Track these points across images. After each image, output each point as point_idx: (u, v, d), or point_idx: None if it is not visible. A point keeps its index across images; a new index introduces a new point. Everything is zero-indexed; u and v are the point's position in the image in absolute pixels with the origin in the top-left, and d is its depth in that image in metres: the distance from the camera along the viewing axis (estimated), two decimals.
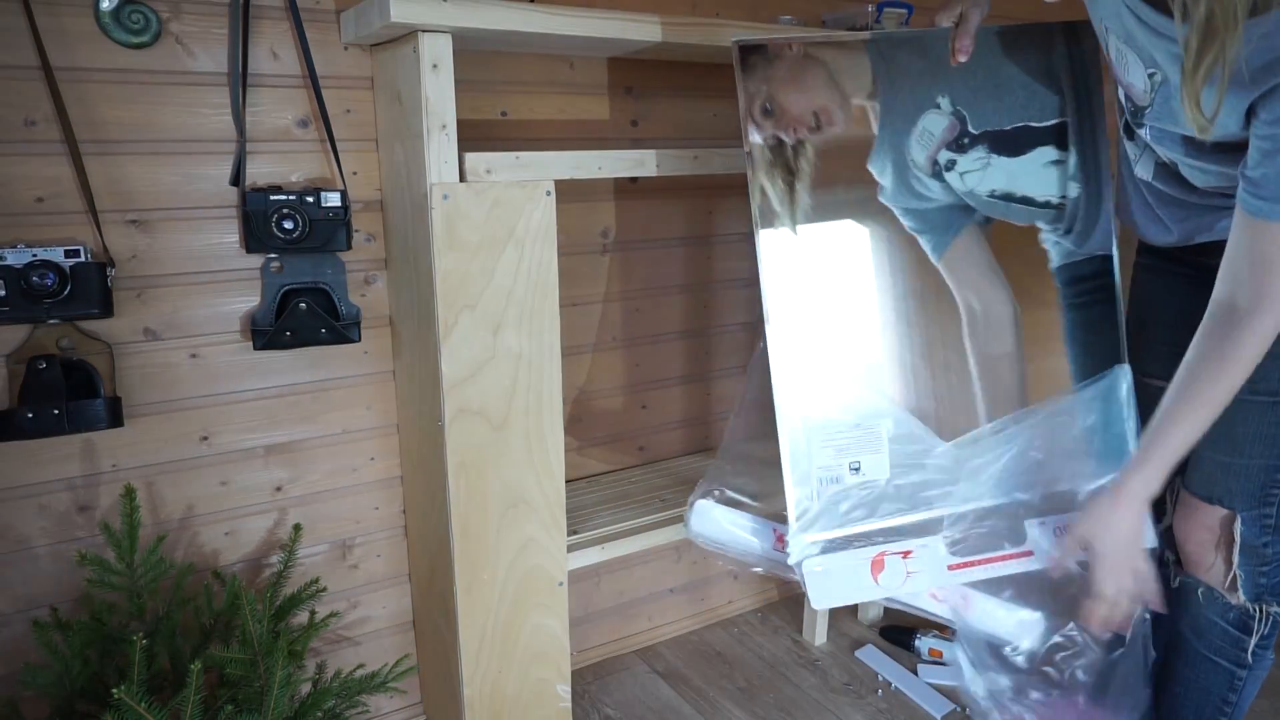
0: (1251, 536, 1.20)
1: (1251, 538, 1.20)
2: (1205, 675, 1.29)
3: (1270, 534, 1.20)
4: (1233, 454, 1.17)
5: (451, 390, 1.25)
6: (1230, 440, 1.17)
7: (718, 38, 1.36)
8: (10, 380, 1.21)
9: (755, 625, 2.01)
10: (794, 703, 1.73)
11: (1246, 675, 1.26)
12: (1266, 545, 1.20)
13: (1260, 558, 1.21)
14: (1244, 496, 1.18)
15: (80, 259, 1.18)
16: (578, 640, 1.84)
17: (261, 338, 1.33)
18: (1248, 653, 1.24)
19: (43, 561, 1.28)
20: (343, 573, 1.53)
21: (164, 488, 1.35)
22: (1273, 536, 1.20)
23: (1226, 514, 1.21)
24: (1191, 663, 1.30)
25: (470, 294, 1.24)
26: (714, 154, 1.44)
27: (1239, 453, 1.17)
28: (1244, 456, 1.17)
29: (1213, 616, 1.26)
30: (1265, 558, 1.21)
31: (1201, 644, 1.28)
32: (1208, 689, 1.29)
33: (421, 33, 1.15)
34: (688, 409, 1.85)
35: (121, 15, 1.18)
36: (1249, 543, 1.20)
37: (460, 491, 1.29)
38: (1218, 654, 1.27)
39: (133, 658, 1.07)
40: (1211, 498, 1.21)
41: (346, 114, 1.37)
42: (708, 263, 1.80)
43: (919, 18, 1.99)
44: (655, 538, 1.54)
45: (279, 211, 1.29)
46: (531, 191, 1.26)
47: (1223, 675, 1.27)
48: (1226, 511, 1.20)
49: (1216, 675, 1.28)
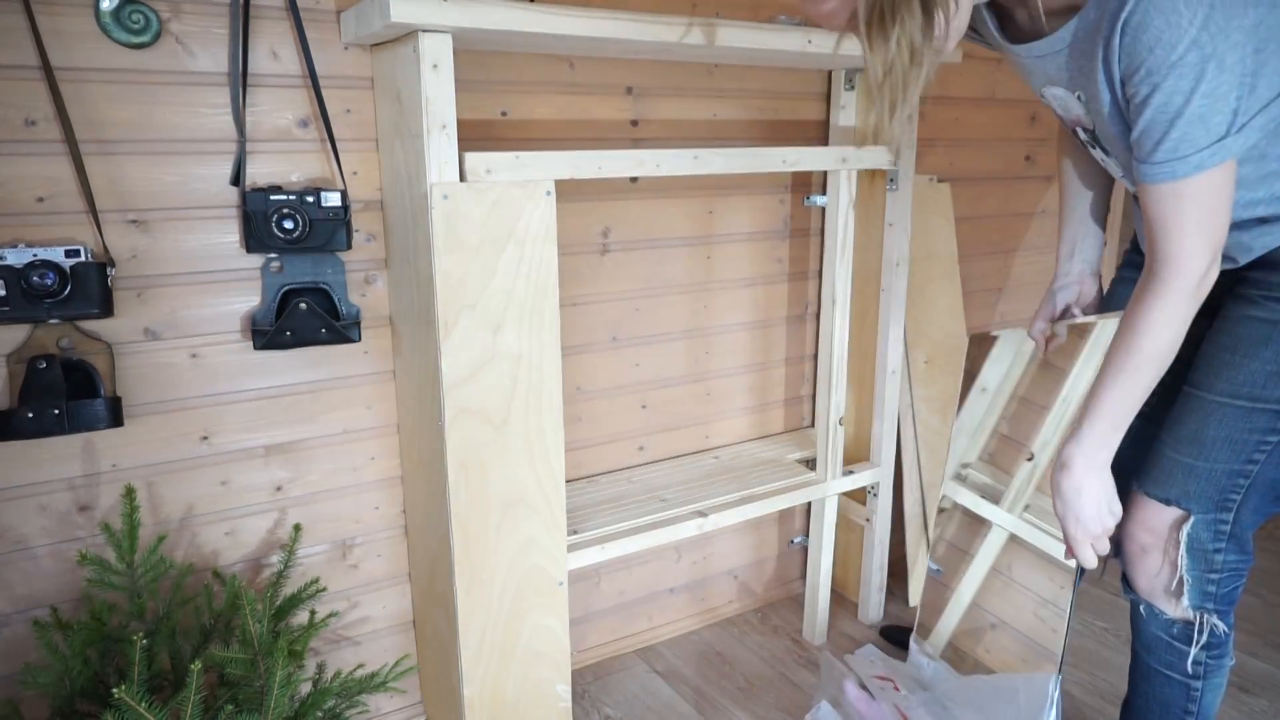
0: (1205, 541, 1.18)
1: (1204, 542, 1.18)
2: (1161, 689, 1.29)
3: (1225, 540, 1.17)
4: (1198, 456, 1.15)
5: (451, 390, 1.25)
6: (1198, 443, 1.15)
7: (718, 38, 1.36)
8: (10, 380, 1.21)
9: (755, 625, 2.01)
10: (794, 703, 1.73)
11: (1202, 685, 1.25)
12: (1218, 552, 1.18)
13: (1210, 564, 1.18)
14: (1201, 499, 1.16)
15: (80, 259, 1.18)
16: (578, 640, 1.84)
17: (261, 338, 1.33)
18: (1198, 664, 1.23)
19: (43, 561, 1.28)
20: (343, 572, 1.53)
21: (164, 488, 1.35)
22: (1227, 544, 1.17)
23: (1178, 516, 1.18)
24: (1147, 677, 1.31)
25: (470, 294, 1.24)
26: (714, 154, 1.44)
27: (1204, 456, 1.15)
28: (1209, 460, 1.15)
29: (1156, 631, 1.26)
30: (1215, 564, 1.18)
31: (1152, 659, 1.28)
32: (1167, 703, 1.29)
33: (421, 33, 1.15)
34: (688, 409, 1.85)
35: (121, 15, 1.18)
36: (1200, 547, 1.18)
37: (460, 491, 1.29)
38: (1169, 668, 1.26)
39: (133, 658, 1.07)
40: (1169, 499, 1.18)
41: (346, 114, 1.37)
42: (708, 263, 1.80)
43: None
44: (655, 538, 1.54)
45: (279, 211, 1.29)
46: (531, 191, 1.26)
47: (1177, 688, 1.27)
48: (1179, 513, 1.18)
49: (1171, 689, 1.27)
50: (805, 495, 1.74)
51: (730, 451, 1.89)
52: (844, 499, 2.00)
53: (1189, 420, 1.16)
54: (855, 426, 1.97)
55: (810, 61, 1.66)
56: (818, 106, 1.85)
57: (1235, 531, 1.17)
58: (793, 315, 1.95)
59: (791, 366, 1.99)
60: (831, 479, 1.79)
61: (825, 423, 1.77)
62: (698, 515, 1.59)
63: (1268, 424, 1.12)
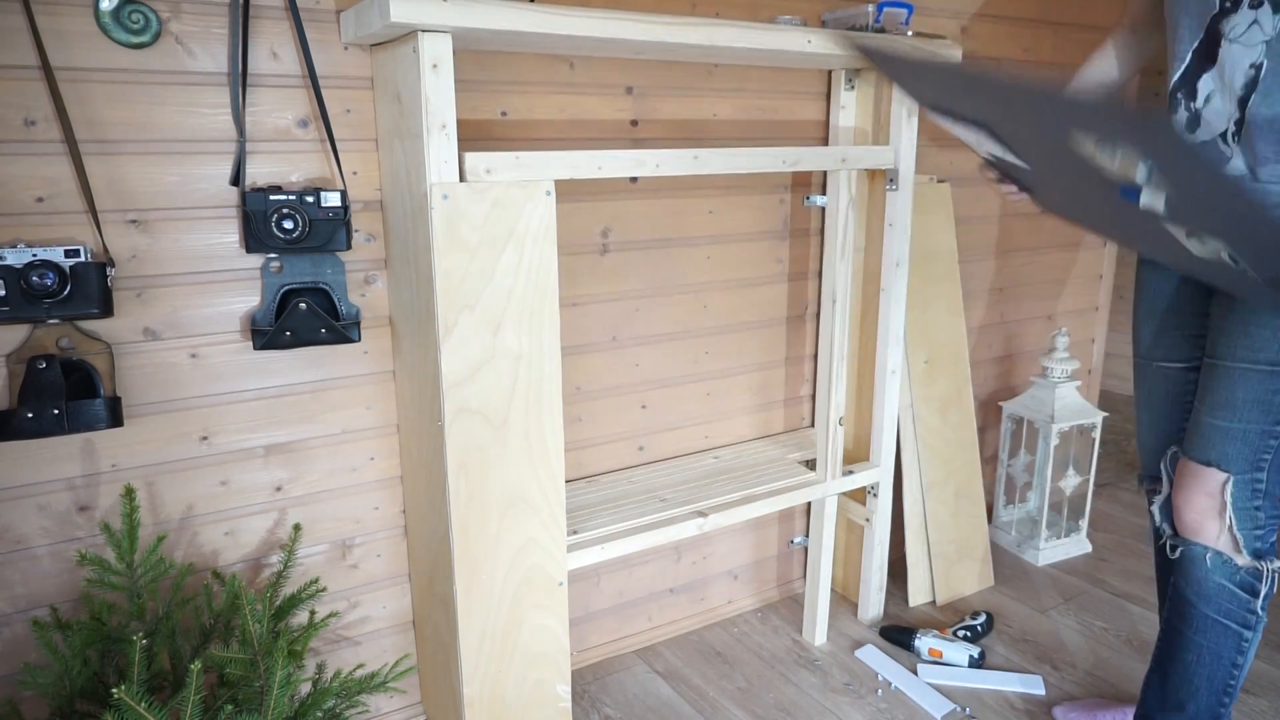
0: (1243, 499, 1.27)
1: (1243, 500, 1.27)
2: (1216, 640, 1.34)
3: (1260, 498, 1.27)
4: (1231, 418, 1.25)
5: (451, 390, 1.25)
6: (1230, 406, 1.24)
7: (717, 38, 1.36)
8: (10, 380, 1.21)
9: (755, 625, 2.00)
10: (794, 703, 1.73)
11: (1251, 636, 1.32)
12: (1259, 509, 1.27)
13: (1254, 521, 1.28)
14: (1239, 460, 1.26)
15: (80, 259, 1.18)
16: (578, 640, 1.84)
17: (261, 338, 1.33)
18: (1253, 613, 1.31)
19: (43, 561, 1.28)
20: (342, 573, 1.53)
21: (164, 488, 1.35)
22: (1264, 500, 1.27)
23: (1222, 477, 1.27)
24: (1202, 629, 1.35)
25: (470, 294, 1.24)
26: (714, 154, 1.44)
27: (1237, 417, 1.24)
28: (1241, 421, 1.24)
29: (1220, 580, 1.31)
30: (1258, 521, 1.28)
31: (1210, 608, 1.33)
32: (1219, 653, 1.34)
33: (421, 33, 1.15)
34: (688, 409, 1.85)
35: (121, 15, 1.18)
36: (1243, 505, 1.27)
37: (460, 491, 1.29)
38: (1227, 616, 1.32)
39: (133, 658, 1.07)
40: (1210, 461, 1.27)
41: (346, 114, 1.37)
42: (707, 263, 1.80)
43: (919, 17, 1.99)
44: (655, 538, 1.54)
45: (279, 211, 1.29)
46: (531, 191, 1.26)
47: (1231, 638, 1.33)
48: (1223, 475, 1.27)
49: (1226, 638, 1.33)
50: (805, 495, 1.74)
51: (730, 451, 1.89)
52: (844, 499, 2.00)
53: (1220, 388, 1.26)
54: (855, 426, 1.97)
55: (810, 61, 1.66)
56: (818, 106, 1.85)
57: (1269, 489, 1.27)
58: (793, 315, 1.95)
59: (791, 366, 1.99)
60: (831, 479, 1.79)
61: (825, 423, 1.77)
62: (697, 515, 1.59)
63: None
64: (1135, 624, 2.00)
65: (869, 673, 1.82)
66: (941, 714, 1.69)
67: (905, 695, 1.75)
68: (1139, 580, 2.20)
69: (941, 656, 1.84)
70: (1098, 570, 2.25)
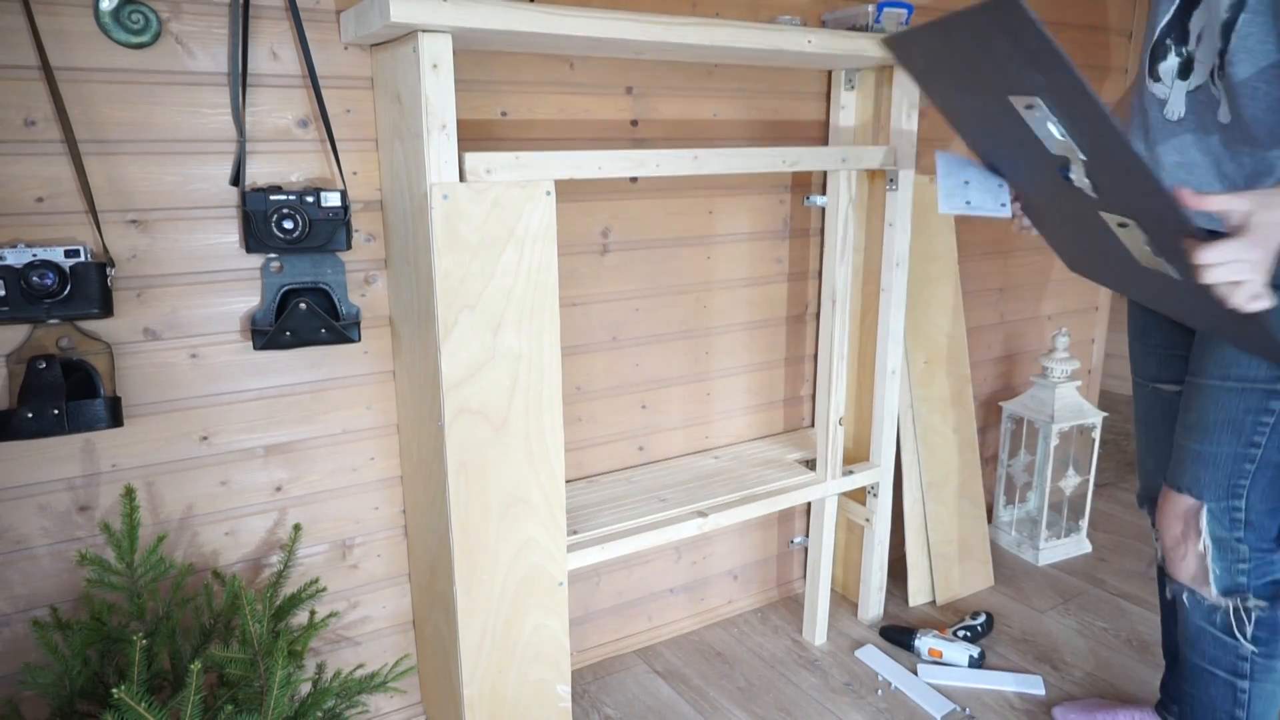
0: (1223, 530, 1.19)
1: (1223, 531, 1.19)
2: (1205, 689, 1.26)
3: (1242, 528, 1.19)
4: (1203, 441, 1.18)
5: (451, 390, 1.25)
6: (1201, 427, 1.18)
7: (717, 37, 1.36)
8: (10, 380, 1.21)
9: (755, 625, 2.00)
10: (794, 703, 1.73)
11: (1251, 688, 1.22)
12: (1240, 540, 1.19)
13: (1236, 553, 1.20)
14: (1212, 487, 1.19)
15: (80, 259, 1.18)
16: (578, 640, 1.84)
17: (261, 338, 1.33)
18: (1245, 660, 1.21)
19: (43, 561, 1.28)
20: (342, 573, 1.53)
21: (164, 488, 1.35)
22: (1245, 531, 1.19)
23: (1194, 504, 1.20)
24: (1191, 677, 1.28)
25: (470, 294, 1.24)
26: (714, 154, 1.44)
27: (1209, 440, 1.18)
28: (1214, 444, 1.18)
29: (1199, 622, 1.24)
30: (1241, 554, 1.19)
31: (1195, 655, 1.27)
32: (1212, 706, 1.26)
33: (421, 33, 1.15)
34: (688, 409, 1.85)
35: (121, 15, 1.18)
36: (1220, 536, 1.20)
37: (460, 491, 1.29)
38: (1213, 664, 1.24)
39: (133, 658, 1.07)
40: (1181, 486, 1.21)
41: (346, 114, 1.37)
42: (708, 263, 1.80)
43: (919, 17, 1.99)
44: (655, 538, 1.54)
45: (279, 211, 1.29)
46: (531, 191, 1.26)
47: (1223, 687, 1.24)
48: (1194, 501, 1.20)
49: (1217, 688, 1.25)
50: (805, 495, 1.74)
51: (730, 451, 1.89)
52: (844, 499, 2.00)
53: (1194, 407, 1.19)
54: (855, 426, 1.97)
55: (810, 61, 1.66)
56: (818, 106, 1.85)
57: (1250, 519, 1.18)
58: (793, 315, 1.95)
59: (791, 366, 1.99)
60: (831, 479, 1.79)
61: (825, 423, 1.77)
62: (697, 515, 1.59)
63: (1259, 403, 1.14)
64: (1135, 624, 2.00)
65: (869, 673, 1.82)
66: (941, 714, 1.69)
67: (905, 695, 1.75)
68: (1139, 580, 2.20)
69: (941, 656, 1.84)
70: (1098, 570, 2.25)
